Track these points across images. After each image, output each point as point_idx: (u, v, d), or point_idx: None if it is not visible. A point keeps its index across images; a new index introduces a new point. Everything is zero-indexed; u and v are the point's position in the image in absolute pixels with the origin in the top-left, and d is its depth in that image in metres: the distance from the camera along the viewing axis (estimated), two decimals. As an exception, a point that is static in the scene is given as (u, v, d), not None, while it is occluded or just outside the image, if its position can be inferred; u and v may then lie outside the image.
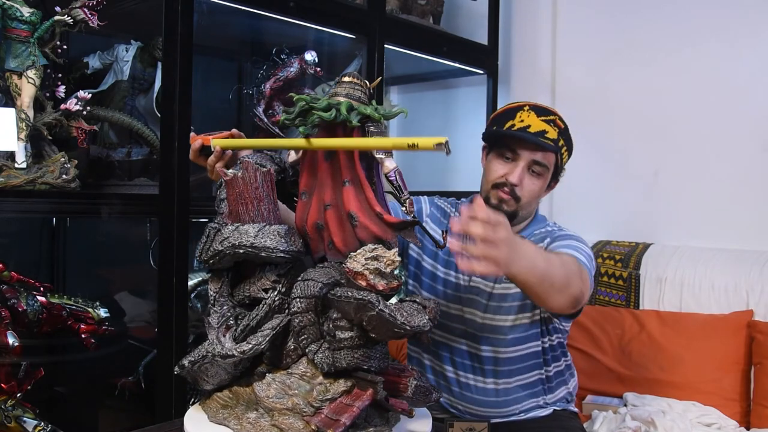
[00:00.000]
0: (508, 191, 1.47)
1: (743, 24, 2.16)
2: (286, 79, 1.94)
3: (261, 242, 1.01)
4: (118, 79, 1.76)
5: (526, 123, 1.47)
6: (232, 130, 1.24)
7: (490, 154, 1.52)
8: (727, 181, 2.18)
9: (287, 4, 1.84)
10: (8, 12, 1.36)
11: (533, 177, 1.48)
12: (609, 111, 2.40)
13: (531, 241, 1.20)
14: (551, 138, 1.46)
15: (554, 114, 1.50)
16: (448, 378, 1.54)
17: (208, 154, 1.22)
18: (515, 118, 1.48)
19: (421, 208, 1.60)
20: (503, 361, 1.50)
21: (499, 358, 1.50)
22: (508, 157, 1.48)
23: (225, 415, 1.04)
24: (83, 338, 1.42)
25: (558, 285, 1.18)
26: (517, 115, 1.48)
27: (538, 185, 1.50)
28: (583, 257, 1.37)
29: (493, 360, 1.50)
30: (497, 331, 1.49)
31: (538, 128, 1.46)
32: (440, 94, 2.92)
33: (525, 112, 1.49)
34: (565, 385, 1.59)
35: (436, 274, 1.56)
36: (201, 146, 1.22)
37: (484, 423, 1.12)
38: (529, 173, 1.48)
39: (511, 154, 1.48)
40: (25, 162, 1.39)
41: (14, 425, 1.30)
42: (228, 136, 1.22)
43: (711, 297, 1.99)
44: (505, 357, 1.50)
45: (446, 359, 1.55)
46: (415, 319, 0.95)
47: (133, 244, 2.01)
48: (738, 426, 1.80)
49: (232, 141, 1.20)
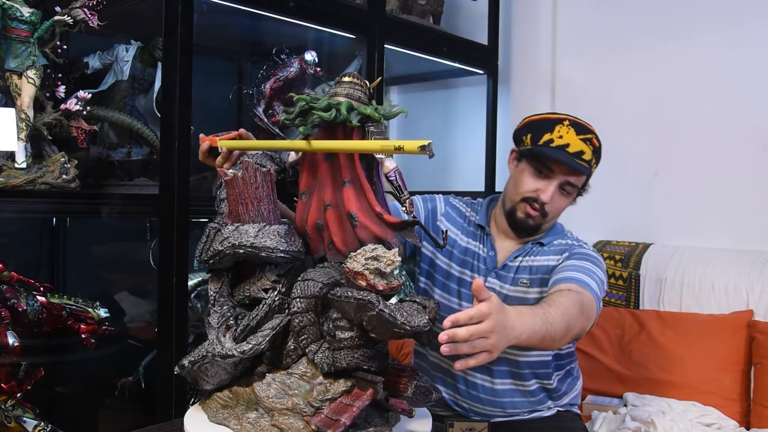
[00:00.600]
0: (538, 208, 1.47)
1: (743, 24, 2.16)
2: (286, 79, 1.94)
3: (261, 242, 1.01)
4: (118, 79, 1.76)
5: (565, 141, 1.44)
6: (240, 130, 1.24)
7: (522, 164, 1.50)
8: (727, 181, 2.17)
9: (287, 4, 1.84)
10: (8, 12, 1.36)
11: (563, 195, 1.49)
12: (609, 111, 2.40)
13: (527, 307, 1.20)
14: (587, 159, 1.45)
15: (592, 133, 1.48)
16: (455, 376, 1.54)
17: (216, 155, 1.22)
18: (553, 132, 1.45)
19: (435, 206, 1.60)
20: (516, 364, 1.50)
21: (512, 360, 1.50)
22: (543, 174, 1.47)
23: (225, 415, 1.04)
24: (83, 338, 1.42)
25: (559, 337, 1.19)
26: (555, 129, 1.45)
27: (566, 203, 1.51)
28: (594, 283, 1.36)
29: (506, 362, 1.50)
30: None
31: (577, 148, 1.44)
32: (440, 94, 2.92)
33: (564, 127, 1.46)
34: (573, 388, 1.59)
35: (450, 272, 1.56)
36: (209, 147, 1.22)
37: (484, 423, 1.12)
38: (560, 191, 1.48)
39: (547, 171, 1.46)
40: (25, 162, 1.39)
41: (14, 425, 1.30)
42: (236, 137, 1.22)
43: (711, 297, 1.99)
44: (518, 360, 1.50)
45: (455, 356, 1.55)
46: (415, 319, 0.95)
47: (133, 244, 2.01)
48: (738, 426, 1.80)
49: (239, 142, 1.20)
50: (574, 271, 1.37)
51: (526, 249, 1.53)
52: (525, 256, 1.51)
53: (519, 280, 1.50)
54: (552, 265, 1.47)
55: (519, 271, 1.51)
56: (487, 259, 1.54)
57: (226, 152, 1.20)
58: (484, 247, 1.55)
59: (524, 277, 1.50)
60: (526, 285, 1.49)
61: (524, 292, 1.49)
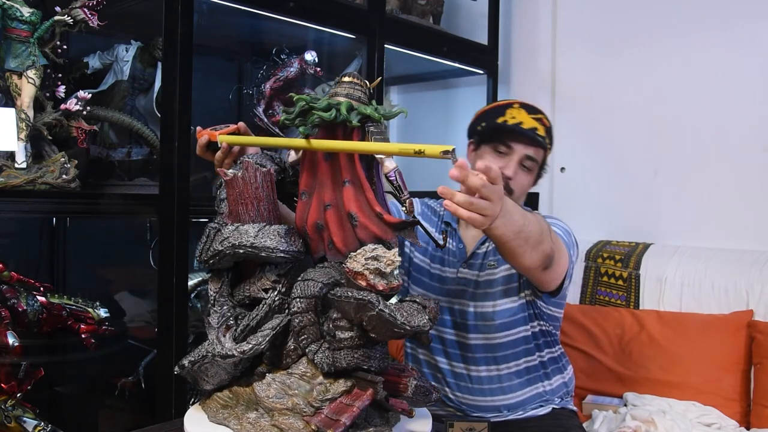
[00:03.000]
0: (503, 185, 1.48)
1: (743, 24, 2.16)
2: (286, 79, 1.94)
3: (261, 242, 1.01)
4: (118, 79, 1.76)
5: (518, 120, 1.50)
6: (239, 123, 1.24)
7: (481, 149, 1.55)
8: (727, 181, 2.17)
9: (287, 4, 1.84)
10: (8, 12, 1.36)
11: (524, 172, 1.53)
12: (609, 111, 2.40)
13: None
14: (541, 135, 1.50)
15: (541, 113, 1.55)
16: (442, 370, 1.57)
17: (215, 149, 1.21)
18: (505, 115, 1.51)
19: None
20: (493, 347, 1.53)
21: (489, 345, 1.53)
22: (502, 151, 1.51)
23: (225, 415, 1.04)
24: (83, 338, 1.42)
25: (532, 241, 1.20)
26: (507, 112, 1.51)
27: (528, 180, 1.55)
28: (559, 230, 1.42)
29: (484, 347, 1.53)
30: (485, 318, 1.52)
31: (530, 125, 1.50)
32: (440, 94, 2.92)
33: (515, 109, 1.52)
34: (561, 374, 1.60)
35: (425, 268, 1.60)
36: (207, 142, 1.21)
37: (484, 423, 1.12)
38: (521, 168, 1.52)
39: (505, 148, 1.51)
40: (25, 162, 1.39)
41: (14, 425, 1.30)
42: (234, 130, 1.22)
43: (711, 297, 1.99)
44: (495, 343, 1.53)
45: (439, 351, 1.57)
46: (415, 319, 0.95)
47: (133, 244, 2.01)
48: (738, 426, 1.80)
49: (239, 138, 1.20)
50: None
51: None
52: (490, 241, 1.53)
53: (487, 264, 1.54)
54: None
55: (486, 256, 1.55)
56: (457, 251, 1.58)
57: (227, 147, 1.19)
58: (453, 241, 1.60)
59: (491, 259, 1.54)
60: (493, 267, 1.53)
61: (491, 273, 1.53)
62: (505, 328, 1.52)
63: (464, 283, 1.55)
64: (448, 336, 1.56)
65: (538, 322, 1.54)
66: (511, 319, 1.52)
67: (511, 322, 1.52)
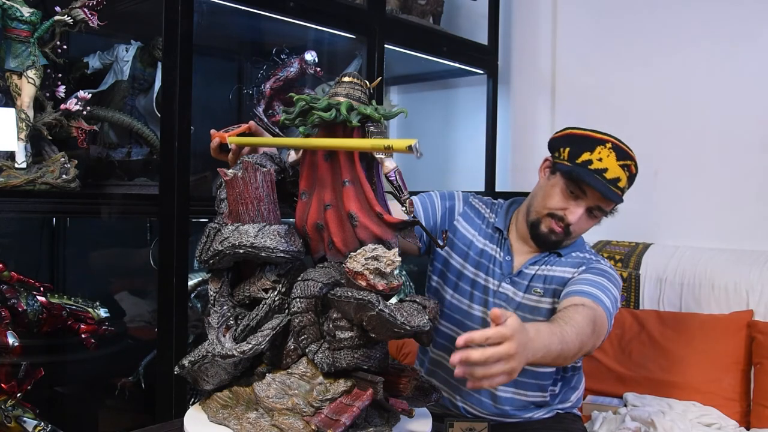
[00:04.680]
0: (563, 227, 1.45)
1: (743, 24, 2.16)
2: (286, 79, 1.94)
3: (261, 242, 1.01)
4: (118, 79, 1.76)
5: (604, 165, 1.42)
6: (250, 123, 1.23)
7: (555, 178, 1.47)
8: (727, 181, 2.17)
9: (287, 4, 1.84)
10: (8, 12, 1.36)
11: (590, 218, 1.47)
12: (609, 111, 2.40)
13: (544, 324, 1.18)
14: (621, 187, 1.43)
15: (632, 159, 1.46)
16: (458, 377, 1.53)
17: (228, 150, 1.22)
18: (593, 153, 1.43)
19: (454, 205, 1.58)
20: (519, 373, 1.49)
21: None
22: (574, 192, 1.44)
23: (225, 415, 1.04)
24: (83, 338, 1.42)
25: (571, 355, 1.18)
26: (596, 150, 1.43)
27: (591, 225, 1.49)
28: (608, 300, 1.34)
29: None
30: None
31: (614, 174, 1.42)
32: (440, 94, 2.92)
33: (606, 150, 1.43)
34: (575, 391, 1.59)
35: (464, 273, 1.54)
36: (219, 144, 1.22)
37: (484, 423, 1.12)
38: (588, 214, 1.46)
39: (580, 192, 1.44)
40: (25, 162, 1.39)
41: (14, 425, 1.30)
42: (245, 130, 1.22)
43: (711, 297, 1.98)
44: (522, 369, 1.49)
45: None
46: (415, 319, 0.95)
47: (133, 244, 2.01)
48: (738, 426, 1.80)
49: (247, 139, 1.21)
50: (589, 285, 1.36)
51: (542, 258, 1.50)
52: (541, 265, 1.50)
53: (533, 288, 1.48)
54: (567, 277, 1.45)
55: (534, 279, 1.49)
56: (503, 263, 1.52)
57: (237, 148, 1.20)
58: (501, 251, 1.53)
59: (538, 286, 1.48)
60: (539, 294, 1.47)
61: (537, 301, 1.47)
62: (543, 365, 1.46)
63: (503, 298, 1.49)
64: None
65: None
66: None
67: None
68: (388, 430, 1.02)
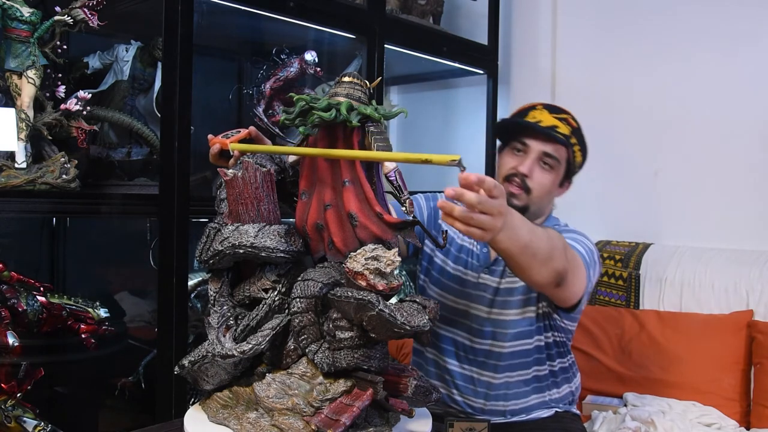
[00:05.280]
0: (519, 183, 1.47)
1: (743, 24, 2.16)
2: (286, 79, 1.94)
3: (261, 242, 1.01)
4: (118, 79, 1.76)
5: (538, 119, 1.49)
6: (250, 128, 1.22)
7: (504, 151, 1.54)
8: (727, 181, 2.18)
9: (287, 4, 1.84)
10: (8, 12, 1.36)
11: (544, 170, 1.49)
12: (609, 111, 2.40)
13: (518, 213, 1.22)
14: (562, 133, 1.47)
15: (567, 113, 1.52)
16: (451, 372, 1.55)
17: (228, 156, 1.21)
18: (527, 116, 1.50)
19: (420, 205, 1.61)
20: (506, 355, 1.51)
21: (502, 352, 1.51)
22: (519, 149, 1.49)
23: (225, 415, 1.04)
24: (83, 338, 1.42)
25: (540, 257, 1.18)
26: (529, 113, 1.50)
27: (549, 179, 1.49)
28: (581, 248, 1.38)
29: (496, 354, 1.51)
30: (501, 326, 1.51)
31: (549, 123, 1.47)
32: (440, 94, 2.92)
33: (537, 111, 1.51)
34: (569, 383, 1.59)
35: (445, 269, 1.58)
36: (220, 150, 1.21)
37: (484, 423, 1.12)
38: (540, 165, 1.48)
39: (522, 146, 1.49)
40: (25, 162, 1.39)
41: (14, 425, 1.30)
42: (245, 136, 1.21)
43: (711, 297, 1.99)
44: (508, 351, 1.51)
45: (450, 353, 1.56)
46: (415, 319, 0.95)
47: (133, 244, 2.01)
48: (738, 426, 1.80)
49: (250, 146, 1.20)
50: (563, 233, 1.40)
51: None
52: None
53: (508, 271, 1.51)
54: None
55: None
56: (480, 255, 1.56)
57: (239, 155, 1.19)
58: (478, 243, 1.57)
59: None
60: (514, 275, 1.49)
61: (512, 282, 1.50)
62: (519, 337, 1.50)
63: (483, 288, 1.53)
64: (461, 339, 1.54)
65: (552, 333, 1.53)
66: (526, 329, 1.50)
67: (525, 332, 1.50)
68: (388, 430, 1.02)
